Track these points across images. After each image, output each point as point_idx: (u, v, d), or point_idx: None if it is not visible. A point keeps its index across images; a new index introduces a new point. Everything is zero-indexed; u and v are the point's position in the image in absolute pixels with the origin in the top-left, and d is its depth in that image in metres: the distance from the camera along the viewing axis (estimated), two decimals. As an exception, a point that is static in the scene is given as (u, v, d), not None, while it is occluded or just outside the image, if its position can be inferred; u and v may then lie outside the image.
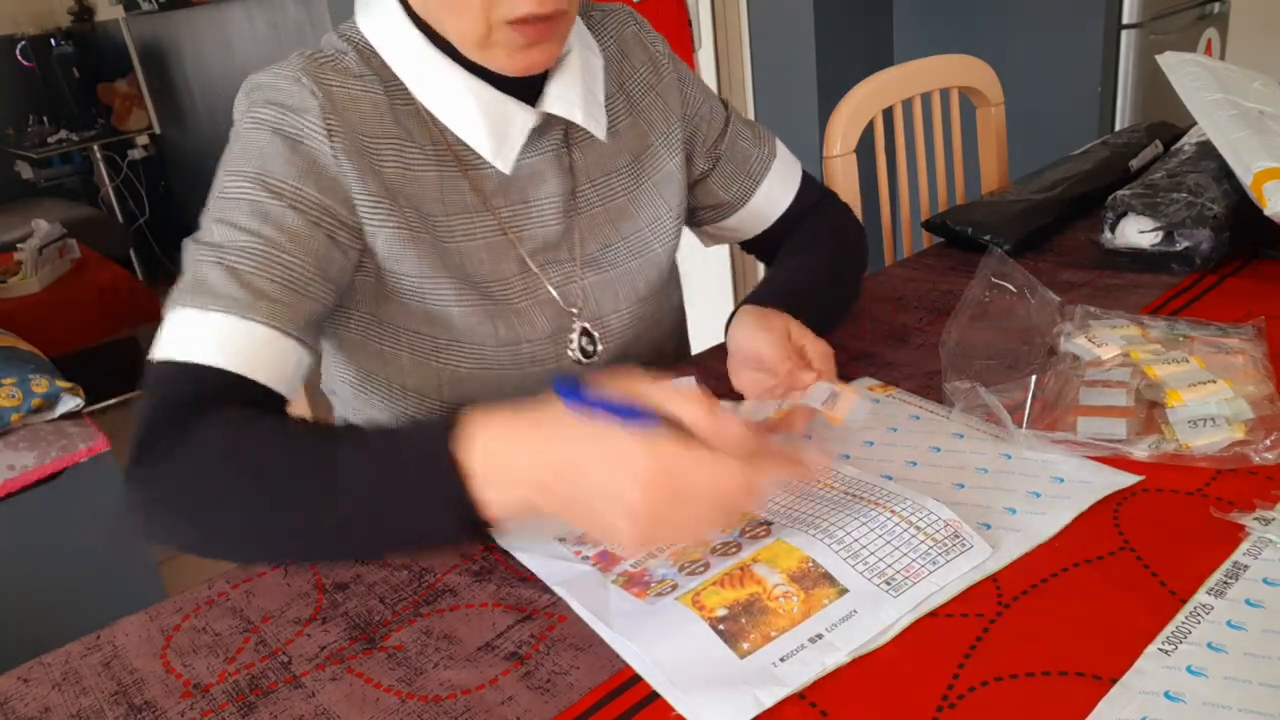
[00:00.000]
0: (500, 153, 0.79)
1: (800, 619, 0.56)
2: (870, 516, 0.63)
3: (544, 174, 0.84)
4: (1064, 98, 2.16)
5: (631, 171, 0.90)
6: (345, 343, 0.86)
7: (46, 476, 1.68)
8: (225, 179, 0.74)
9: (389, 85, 0.79)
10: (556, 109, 0.81)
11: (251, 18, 3.48)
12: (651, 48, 0.93)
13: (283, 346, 0.70)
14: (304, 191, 0.73)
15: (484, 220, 0.82)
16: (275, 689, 0.56)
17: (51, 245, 3.01)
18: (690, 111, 0.95)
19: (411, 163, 0.79)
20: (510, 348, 0.83)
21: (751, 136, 0.99)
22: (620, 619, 0.57)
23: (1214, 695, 0.48)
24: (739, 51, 2.46)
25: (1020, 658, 0.52)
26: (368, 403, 0.89)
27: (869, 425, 0.78)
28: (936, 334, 0.93)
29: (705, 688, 0.52)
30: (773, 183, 0.99)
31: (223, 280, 0.69)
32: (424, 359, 0.83)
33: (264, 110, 0.75)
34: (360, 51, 0.79)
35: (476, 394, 0.84)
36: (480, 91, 0.78)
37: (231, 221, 0.71)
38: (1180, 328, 0.83)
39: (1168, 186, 1.03)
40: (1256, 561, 0.57)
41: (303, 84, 0.74)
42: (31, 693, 0.58)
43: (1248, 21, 2.54)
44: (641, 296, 0.91)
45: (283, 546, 0.64)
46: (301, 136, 0.74)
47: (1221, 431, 0.68)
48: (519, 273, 0.84)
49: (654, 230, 0.91)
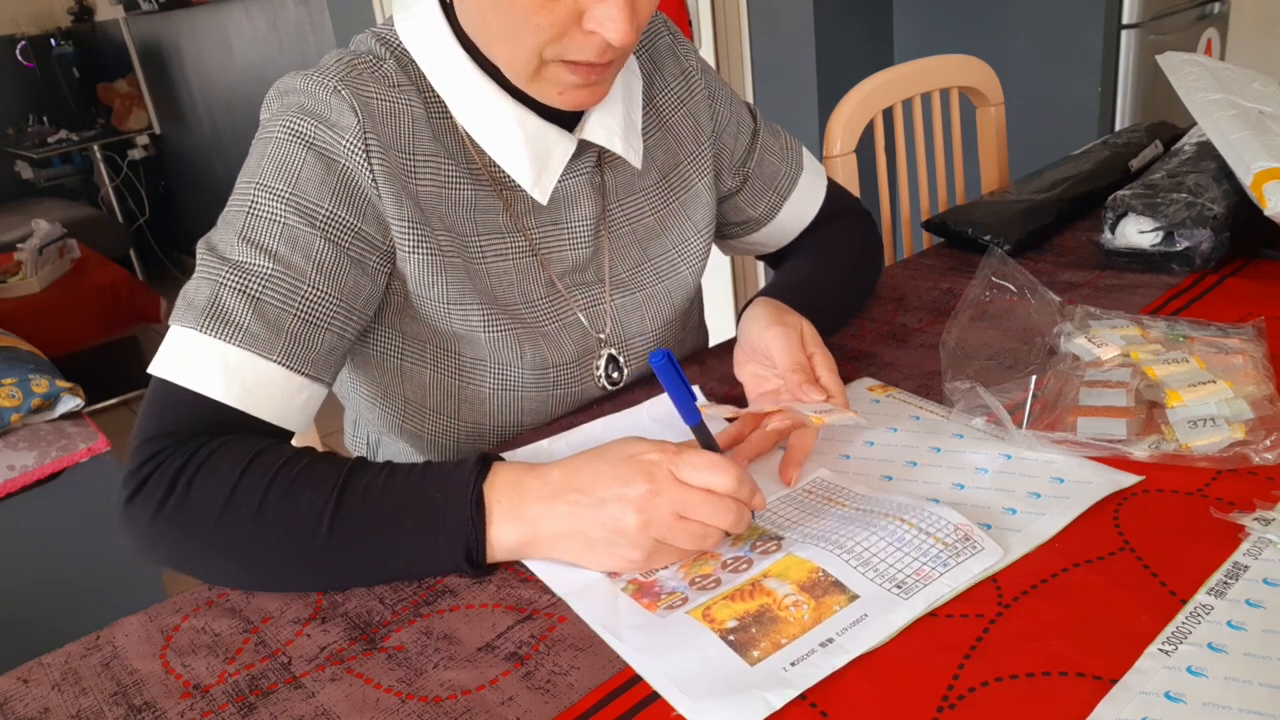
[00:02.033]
0: (539, 182, 0.78)
1: (811, 625, 0.56)
2: (880, 526, 0.63)
3: (578, 196, 0.83)
4: (1064, 98, 2.16)
5: (659, 190, 0.89)
6: (363, 358, 0.84)
7: (46, 476, 1.68)
8: (255, 192, 0.70)
9: (427, 98, 0.76)
10: (598, 138, 0.79)
11: (251, 18, 3.48)
12: (685, 60, 0.90)
13: (294, 385, 0.70)
14: (337, 215, 0.71)
15: (515, 241, 0.81)
16: (275, 689, 0.56)
17: (51, 245, 3.01)
18: (719, 129, 0.93)
19: (447, 180, 0.77)
20: (537, 371, 0.82)
21: (779, 150, 0.98)
22: (630, 631, 0.57)
23: (1214, 695, 0.48)
24: (739, 51, 2.46)
25: (1020, 658, 0.52)
26: (381, 418, 0.88)
27: (869, 425, 0.78)
28: (936, 334, 0.93)
29: (715, 694, 0.51)
30: (799, 198, 0.98)
31: (242, 310, 0.67)
32: (447, 377, 0.82)
33: (299, 120, 0.71)
34: (399, 58, 0.76)
35: (496, 414, 0.84)
36: (524, 119, 0.76)
37: (258, 243, 0.69)
38: (1180, 328, 0.83)
39: (1168, 186, 1.03)
40: (1256, 562, 0.57)
41: (342, 97, 0.71)
42: (31, 693, 0.58)
43: (1248, 21, 2.54)
44: (667, 320, 0.90)
45: (285, 580, 0.65)
46: (338, 155, 0.71)
47: (1221, 432, 0.68)
48: (547, 295, 0.83)
49: (681, 252, 0.90)
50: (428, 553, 0.63)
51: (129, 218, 4.59)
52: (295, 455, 0.65)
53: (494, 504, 0.62)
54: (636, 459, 0.61)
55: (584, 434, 0.80)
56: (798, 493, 0.70)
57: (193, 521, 0.63)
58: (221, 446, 0.65)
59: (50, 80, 4.50)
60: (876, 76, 1.35)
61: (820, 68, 2.32)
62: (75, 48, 4.50)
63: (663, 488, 0.59)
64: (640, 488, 0.59)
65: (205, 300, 0.68)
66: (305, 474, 0.64)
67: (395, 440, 0.90)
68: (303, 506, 0.62)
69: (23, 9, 4.50)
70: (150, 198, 4.67)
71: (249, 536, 0.62)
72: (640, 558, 0.61)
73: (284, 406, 0.70)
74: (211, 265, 0.69)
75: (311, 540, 0.62)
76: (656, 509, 0.59)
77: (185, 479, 0.63)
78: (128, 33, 4.45)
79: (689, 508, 0.59)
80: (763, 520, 0.67)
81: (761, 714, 0.50)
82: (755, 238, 1.00)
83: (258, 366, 0.68)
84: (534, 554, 0.63)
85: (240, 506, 0.62)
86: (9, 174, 4.47)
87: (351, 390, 0.90)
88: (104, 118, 4.55)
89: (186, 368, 0.67)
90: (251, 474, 0.63)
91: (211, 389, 0.67)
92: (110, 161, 4.46)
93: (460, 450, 0.86)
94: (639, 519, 0.59)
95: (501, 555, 0.63)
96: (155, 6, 3.96)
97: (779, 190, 0.97)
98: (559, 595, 0.61)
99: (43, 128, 4.45)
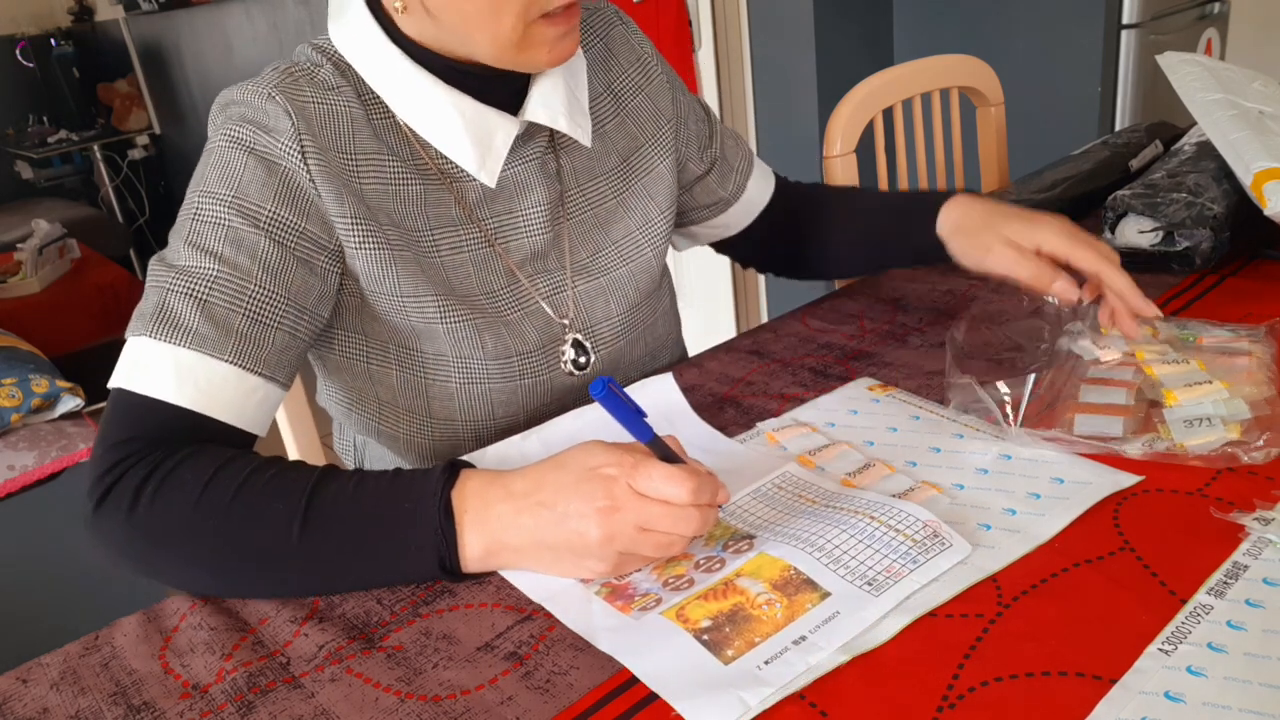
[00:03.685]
0: (485, 166, 0.78)
1: (784, 624, 0.56)
2: (850, 524, 0.63)
3: (530, 182, 0.83)
4: (1064, 98, 2.16)
5: (620, 173, 0.90)
6: (331, 364, 0.85)
7: (46, 476, 1.68)
8: (199, 199, 0.72)
9: (365, 98, 0.77)
10: (540, 117, 0.80)
11: (251, 18, 3.48)
12: (639, 48, 0.92)
13: (249, 385, 0.69)
14: (280, 216, 0.71)
15: (469, 233, 0.81)
16: (274, 688, 0.56)
17: (51, 245, 3.01)
18: (682, 114, 0.95)
19: (392, 178, 0.77)
20: (501, 361, 0.82)
21: (731, 135, 1.03)
22: (605, 634, 0.57)
23: (1214, 695, 0.48)
24: (739, 51, 2.46)
25: (1020, 658, 0.52)
26: (358, 423, 0.88)
27: (869, 425, 0.78)
28: (936, 334, 0.93)
29: (691, 694, 0.52)
30: (757, 176, 1.03)
31: (190, 313, 0.68)
32: (413, 375, 0.82)
33: (238, 127, 0.73)
34: (335, 64, 0.77)
35: (467, 410, 0.84)
36: (461, 104, 0.77)
37: (203, 246, 0.70)
38: (1191, 328, 0.83)
39: (1168, 186, 1.03)
40: (1256, 561, 0.57)
41: (276, 102, 0.72)
42: (30, 693, 0.58)
43: (1248, 21, 2.54)
44: (633, 303, 0.90)
45: (255, 588, 0.65)
46: (276, 157, 0.72)
47: (1217, 431, 0.68)
48: (507, 284, 0.83)
49: (645, 233, 0.91)
50: (398, 561, 0.63)
51: (129, 218, 4.59)
52: (262, 465, 0.65)
53: (462, 512, 0.62)
54: (596, 473, 0.60)
55: (556, 429, 0.79)
56: (767, 488, 0.70)
57: (158, 531, 0.63)
58: (186, 457, 0.64)
59: (50, 80, 4.50)
60: (876, 76, 1.35)
61: (820, 68, 2.32)
62: (75, 48, 4.49)
63: (622, 502, 0.59)
64: (600, 503, 0.59)
65: (153, 307, 0.68)
66: (273, 483, 0.63)
67: (376, 444, 0.90)
68: (270, 517, 0.62)
69: (23, 9, 4.49)
70: (150, 198, 4.67)
71: (217, 545, 0.62)
72: (607, 569, 0.61)
73: (239, 408, 0.69)
74: (159, 274, 0.70)
75: (281, 549, 0.62)
76: (618, 523, 0.59)
77: (150, 488, 0.63)
78: (128, 33, 4.44)
79: (650, 520, 0.59)
80: (735, 519, 0.67)
81: (737, 712, 0.50)
82: (723, 218, 1.03)
83: (210, 367, 0.68)
84: (503, 563, 0.63)
85: (206, 517, 0.62)
86: (9, 174, 4.47)
87: (328, 398, 0.90)
88: (104, 118, 4.54)
89: (139, 373, 0.67)
90: (217, 484, 0.63)
91: (165, 392, 0.66)
92: (110, 161, 4.46)
93: (437, 450, 0.86)
94: (601, 533, 0.59)
95: (473, 564, 0.63)
96: (155, 6, 3.95)
97: (740, 170, 1.02)
98: (535, 601, 0.61)
99: (43, 128, 4.44)
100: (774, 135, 2.50)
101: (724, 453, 0.76)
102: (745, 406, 0.84)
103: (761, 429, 0.79)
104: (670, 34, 2.39)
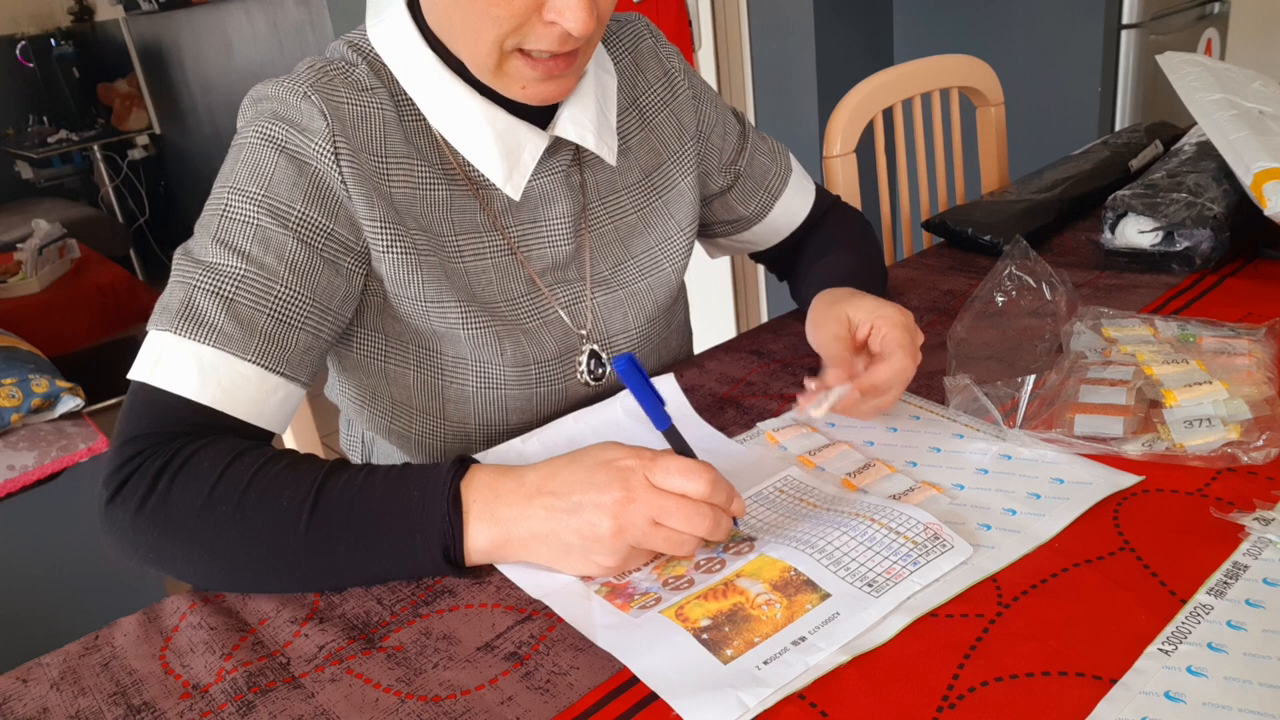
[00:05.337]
0: (511, 179, 0.78)
1: (783, 624, 0.56)
2: (851, 526, 0.63)
3: (554, 194, 0.83)
4: (1064, 98, 2.16)
5: (642, 189, 0.89)
6: (349, 362, 0.85)
7: (46, 476, 1.68)
8: (229, 195, 0.71)
9: (399, 100, 0.77)
10: (569, 134, 0.79)
11: (251, 18, 3.48)
12: (667, 62, 0.91)
13: (270, 385, 0.70)
14: (309, 217, 0.71)
15: (493, 240, 0.81)
16: (274, 688, 0.56)
17: (51, 245, 3.01)
18: (705, 129, 0.94)
19: (420, 182, 0.77)
20: (518, 368, 0.82)
21: (767, 151, 1.00)
22: (605, 632, 0.57)
23: (1214, 695, 0.48)
24: (739, 51, 2.46)
25: (1020, 658, 0.52)
26: (369, 420, 0.88)
27: (869, 425, 0.78)
28: (936, 334, 0.93)
29: (689, 693, 0.52)
30: (789, 197, 1.00)
31: (216, 311, 0.68)
32: (431, 377, 0.82)
33: (271, 125, 0.72)
34: (371, 63, 0.77)
35: (481, 414, 0.84)
36: (493, 117, 0.77)
37: (231, 244, 0.70)
38: (1192, 328, 0.83)
39: (1168, 186, 1.03)
40: (1256, 561, 0.57)
41: (311, 101, 0.72)
42: (30, 693, 0.58)
43: (1248, 21, 2.54)
44: (650, 317, 0.90)
45: (264, 580, 0.64)
46: (308, 158, 0.72)
47: (1216, 432, 0.68)
48: (527, 293, 0.83)
49: (664, 249, 0.90)
50: (405, 551, 0.63)
51: (129, 218, 4.59)
52: (276, 456, 0.65)
53: (470, 504, 0.62)
54: (612, 464, 0.60)
55: (556, 431, 0.79)
56: (769, 491, 0.70)
57: (172, 520, 0.63)
58: (203, 448, 0.65)
59: (50, 80, 4.50)
60: (876, 76, 1.35)
61: (820, 68, 2.32)
62: (75, 48, 4.49)
63: (638, 494, 0.59)
64: (615, 494, 0.59)
65: (179, 303, 0.68)
66: (285, 473, 0.64)
67: (385, 441, 0.90)
68: (281, 505, 0.62)
69: (23, 9, 4.49)
70: (150, 198, 4.67)
71: (227, 534, 0.62)
72: (615, 564, 0.61)
73: (260, 406, 0.70)
74: (186, 269, 0.70)
75: (289, 538, 0.62)
76: (631, 515, 0.59)
77: (166, 478, 0.63)
78: (128, 33, 4.45)
79: (664, 514, 0.59)
80: (735, 521, 0.67)
81: (735, 712, 0.50)
82: (746, 236, 1.02)
83: (232, 366, 0.68)
84: (508, 556, 0.63)
85: (219, 505, 0.62)
86: (9, 174, 4.47)
87: (340, 394, 0.90)
88: (104, 118, 4.55)
89: (162, 369, 0.67)
90: (232, 473, 0.63)
91: (187, 389, 0.67)
92: (110, 161, 4.46)
93: (447, 451, 0.86)
94: (614, 525, 0.59)
95: (477, 556, 0.63)
96: (155, 6, 3.96)
97: (769, 189, 0.99)
98: (535, 598, 0.61)
99: (43, 128, 4.45)
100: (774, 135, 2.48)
101: (725, 454, 0.76)
102: (745, 406, 0.84)
103: (761, 429, 0.79)
104: (670, 34, 2.39)
